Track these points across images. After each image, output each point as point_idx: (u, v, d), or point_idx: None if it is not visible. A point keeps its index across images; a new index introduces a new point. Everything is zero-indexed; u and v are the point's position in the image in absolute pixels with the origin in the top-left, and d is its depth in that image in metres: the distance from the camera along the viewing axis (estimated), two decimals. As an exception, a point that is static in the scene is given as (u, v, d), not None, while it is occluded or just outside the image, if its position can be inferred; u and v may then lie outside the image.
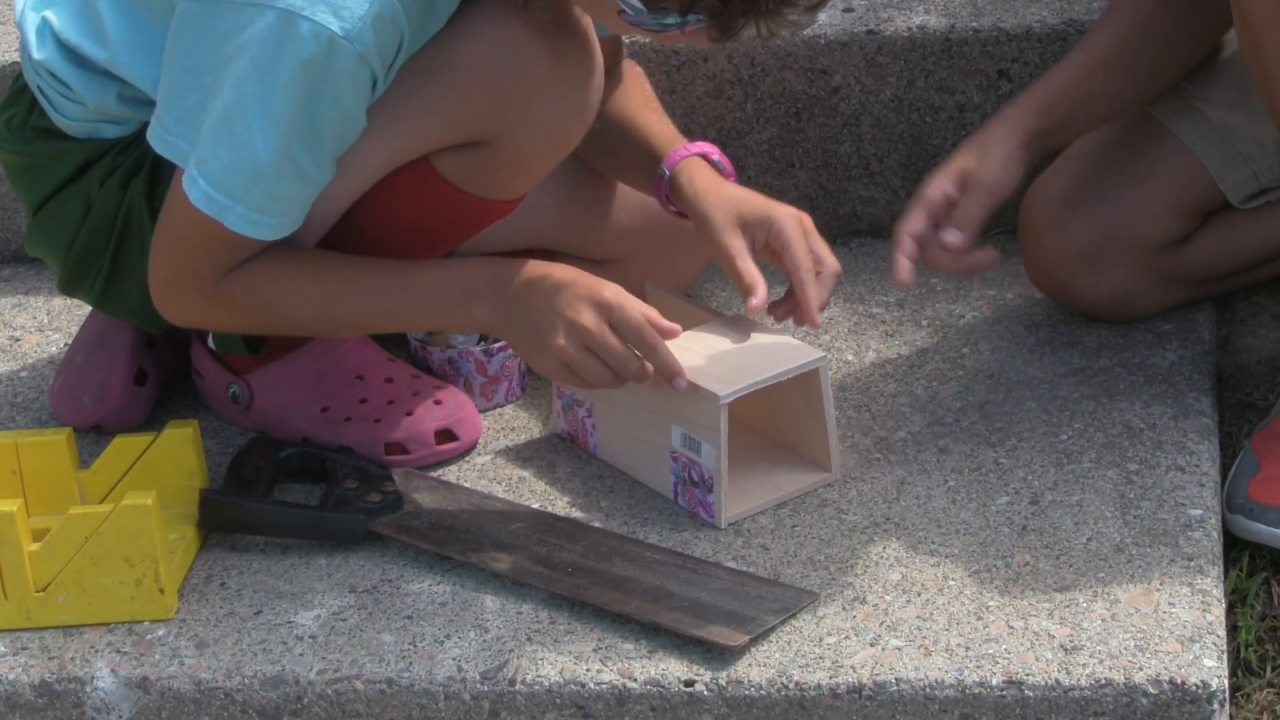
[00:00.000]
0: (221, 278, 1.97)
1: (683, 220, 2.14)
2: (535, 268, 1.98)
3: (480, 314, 1.98)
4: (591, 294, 1.94)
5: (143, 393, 2.24)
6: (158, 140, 1.92)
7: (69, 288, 2.18)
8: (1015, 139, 2.07)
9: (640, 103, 2.20)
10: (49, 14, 2.02)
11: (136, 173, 2.05)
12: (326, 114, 1.87)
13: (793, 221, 2.04)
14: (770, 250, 2.05)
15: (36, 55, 2.03)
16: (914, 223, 2.05)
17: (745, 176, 2.53)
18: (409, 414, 2.13)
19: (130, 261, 2.08)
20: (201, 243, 1.94)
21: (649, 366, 1.95)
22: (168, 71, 1.91)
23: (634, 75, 2.23)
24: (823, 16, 2.51)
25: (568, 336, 1.93)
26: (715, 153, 2.15)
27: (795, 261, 2.02)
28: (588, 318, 1.93)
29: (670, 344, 2.04)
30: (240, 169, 1.88)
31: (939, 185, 2.06)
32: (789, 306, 2.05)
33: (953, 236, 2.04)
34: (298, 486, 2.11)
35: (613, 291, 1.94)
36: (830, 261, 2.03)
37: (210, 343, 2.17)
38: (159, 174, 2.03)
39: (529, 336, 1.96)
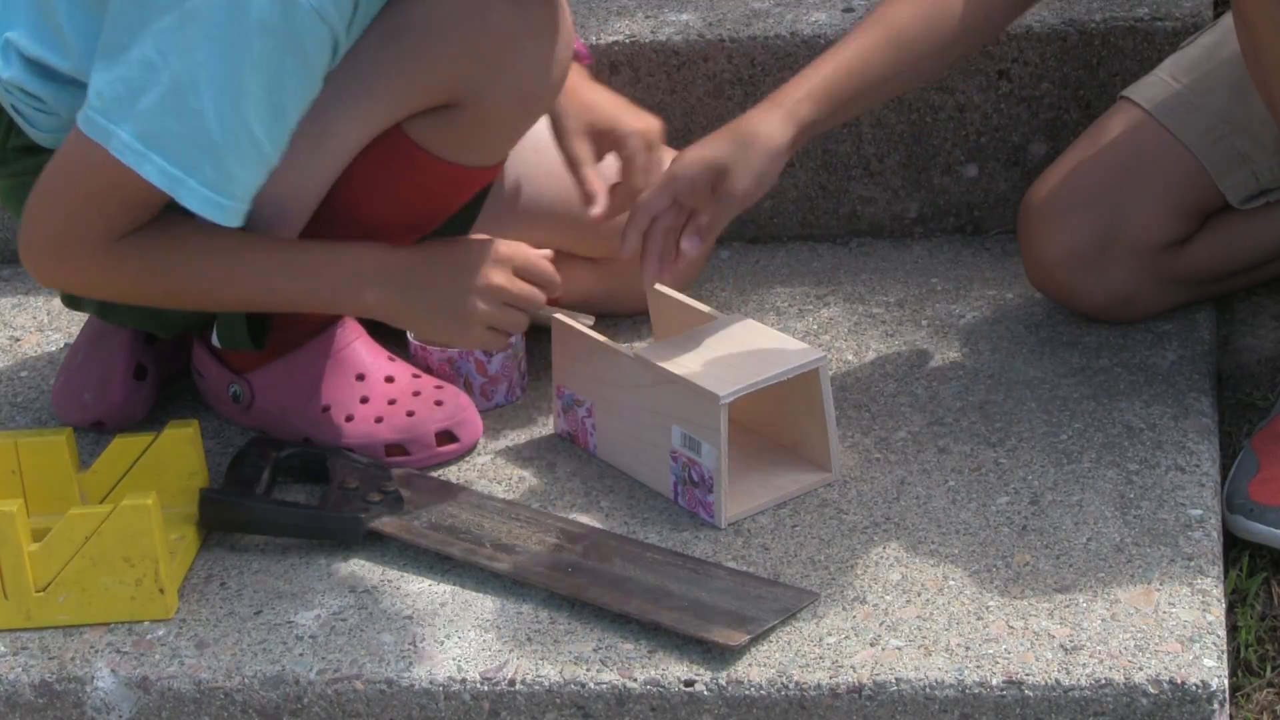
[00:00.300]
0: (113, 243, 1.94)
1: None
2: (419, 251, 2.03)
3: (370, 301, 2.01)
4: (489, 254, 2.02)
5: (143, 388, 2.24)
6: (81, 117, 1.89)
7: (72, 300, 2.19)
8: (789, 133, 2.04)
9: None
10: (10, 34, 2.00)
11: None
12: (289, 82, 1.85)
13: (637, 138, 2.09)
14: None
15: (5, 75, 2.01)
16: (657, 201, 2.04)
17: (745, 176, 2.53)
18: (410, 414, 2.13)
19: None
20: (105, 203, 1.92)
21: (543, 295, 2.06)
22: (100, 51, 1.88)
23: None
24: (823, 16, 2.51)
25: (487, 300, 2.01)
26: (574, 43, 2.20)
27: (630, 184, 2.10)
28: (499, 276, 2.01)
29: (672, 343, 2.05)
30: (193, 142, 1.84)
31: (693, 175, 2.03)
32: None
33: (691, 247, 2.05)
34: (298, 486, 2.11)
35: (505, 245, 2.03)
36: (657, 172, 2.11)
37: (215, 340, 2.17)
38: None
39: (445, 315, 2.02)
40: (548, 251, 2.07)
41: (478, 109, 1.98)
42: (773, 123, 2.04)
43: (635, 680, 1.79)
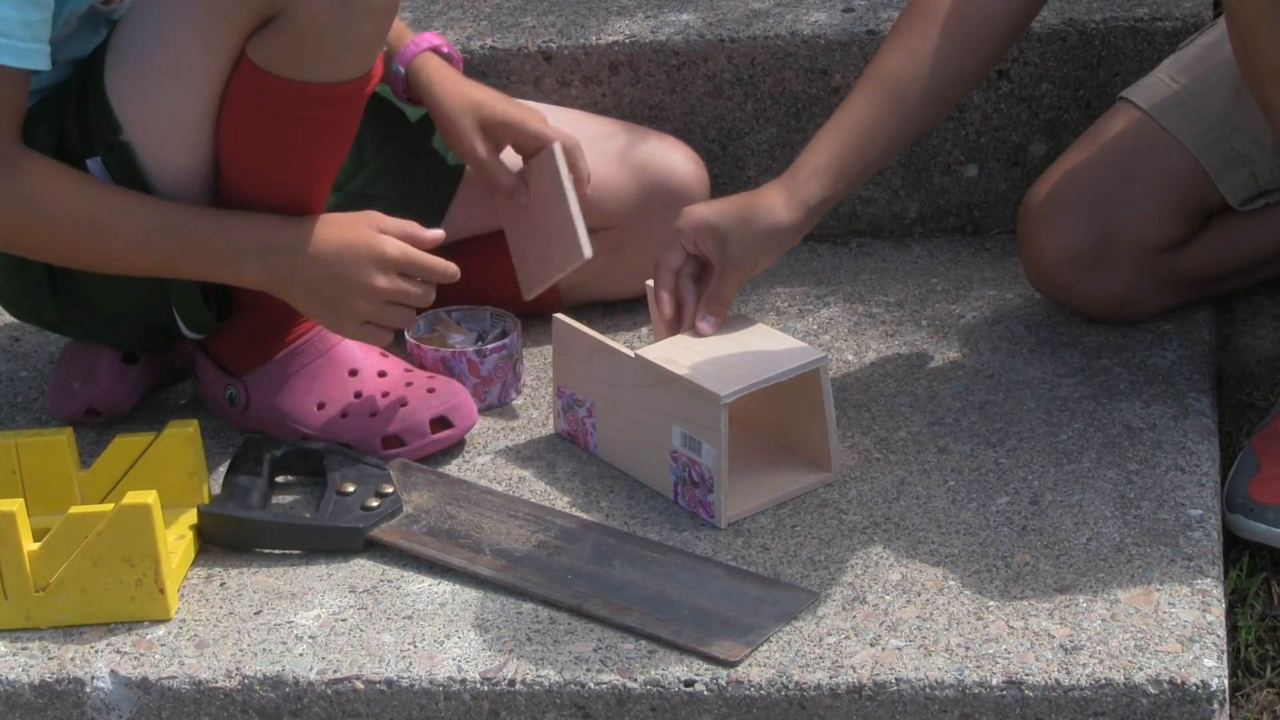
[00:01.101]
0: None
1: (670, 187, 2.26)
2: (306, 232, 2.03)
3: (250, 276, 2.04)
4: (373, 254, 2.03)
5: (132, 373, 2.24)
6: None
7: (34, 319, 2.19)
8: (794, 216, 2.06)
9: None
10: None
11: None
12: None
13: (536, 131, 2.21)
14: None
15: None
16: (673, 258, 2.08)
17: (745, 176, 2.53)
18: (404, 405, 2.13)
19: (65, 274, 2.09)
20: None
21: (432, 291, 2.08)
22: None
23: None
24: (823, 16, 2.51)
25: (367, 300, 2.04)
26: (444, 44, 2.26)
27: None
28: (381, 280, 2.03)
29: (672, 343, 2.05)
30: None
31: (694, 231, 2.06)
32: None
33: (707, 327, 2.06)
34: (296, 485, 2.11)
35: (390, 245, 2.04)
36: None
37: (181, 328, 2.16)
38: None
39: (320, 304, 2.04)
40: (439, 233, 2.08)
41: (297, 14, 1.94)
42: (779, 204, 2.06)
43: (635, 680, 1.79)
